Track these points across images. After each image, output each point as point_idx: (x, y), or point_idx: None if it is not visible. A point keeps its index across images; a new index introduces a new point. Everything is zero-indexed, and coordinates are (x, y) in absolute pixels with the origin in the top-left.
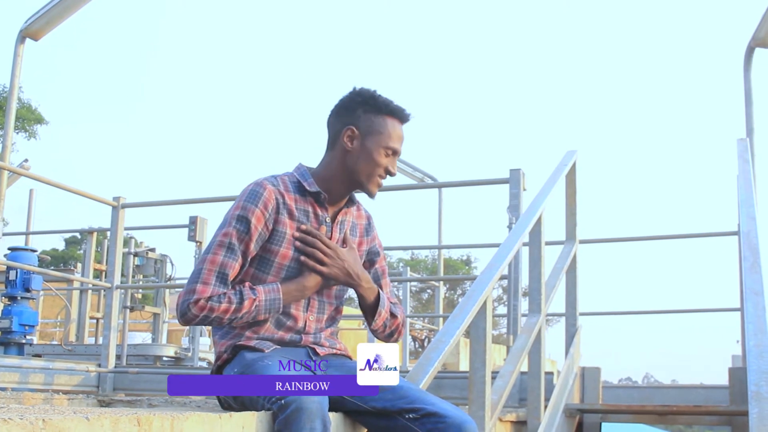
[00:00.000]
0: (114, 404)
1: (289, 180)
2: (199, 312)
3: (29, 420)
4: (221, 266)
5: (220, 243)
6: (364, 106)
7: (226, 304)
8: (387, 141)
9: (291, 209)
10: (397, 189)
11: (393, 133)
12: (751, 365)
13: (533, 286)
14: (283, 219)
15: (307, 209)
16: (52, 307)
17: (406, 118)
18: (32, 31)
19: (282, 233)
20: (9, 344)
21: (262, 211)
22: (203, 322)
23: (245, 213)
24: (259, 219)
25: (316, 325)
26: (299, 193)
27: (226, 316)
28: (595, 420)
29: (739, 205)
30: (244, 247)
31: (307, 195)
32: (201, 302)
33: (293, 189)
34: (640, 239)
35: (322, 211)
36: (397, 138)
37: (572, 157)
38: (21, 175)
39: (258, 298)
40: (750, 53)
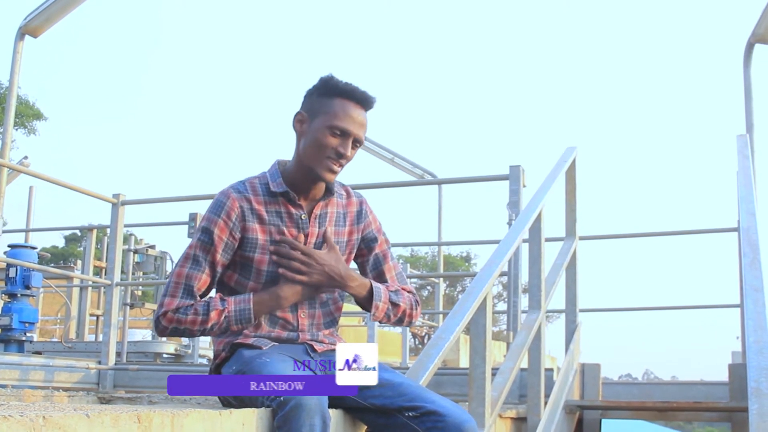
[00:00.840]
0: (114, 401)
1: (259, 182)
2: (168, 324)
3: (29, 417)
4: (186, 278)
5: (186, 255)
6: (318, 91)
7: (192, 316)
8: (332, 120)
9: (260, 214)
10: (397, 185)
11: (341, 113)
12: (751, 361)
13: (533, 282)
14: (253, 226)
15: (279, 210)
16: (52, 305)
17: (363, 100)
18: (31, 28)
19: (253, 240)
20: (9, 341)
21: (225, 221)
22: (175, 333)
23: (209, 224)
24: (222, 229)
25: (310, 322)
26: (269, 195)
27: (195, 327)
28: (595, 416)
29: (739, 201)
30: (211, 257)
31: (278, 195)
32: (168, 314)
33: (262, 192)
34: (640, 236)
35: (296, 209)
36: (347, 118)
37: (572, 153)
38: (21, 172)
39: (227, 309)
40: (750, 49)
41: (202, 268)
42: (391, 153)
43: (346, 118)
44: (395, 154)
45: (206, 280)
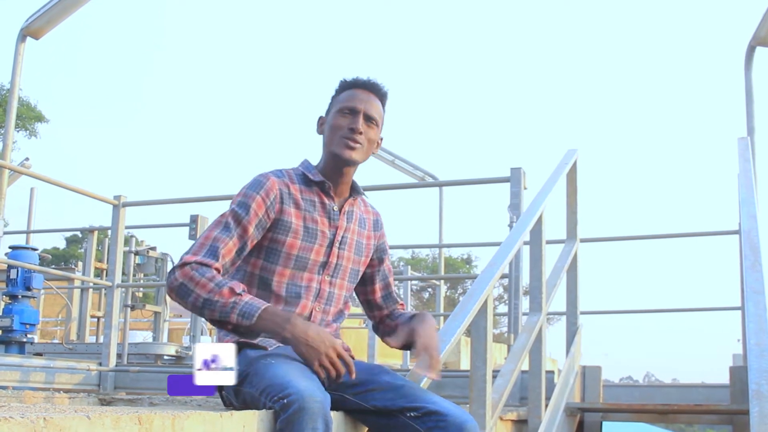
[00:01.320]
0: (115, 403)
1: (294, 172)
2: (182, 277)
3: (30, 419)
4: (213, 240)
5: (217, 222)
6: (332, 95)
7: (207, 279)
8: (340, 104)
9: (297, 200)
10: (398, 188)
11: (347, 98)
12: (752, 364)
13: (534, 284)
14: (289, 209)
15: (313, 199)
16: (53, 306)
17: (366, 84)
18: (33, 30)
19: (288, 223)
20: (10, 343)
21: (263, 198)
22: (182, 293)
23: (245, 199)
24: (259, 205)
25: (322, 317)
26: (304, 184)
27: (203, 293)
28: (596, 419)
29: (740, 203)
30: (242, 230)
31: (312, 185)
32: (186, 268)
33: (298, 180)
34: (641, 238)
35: (329, 201)
36: (352, 99)
37: (573, 155)
38: (22, 174)
39: (241, 297)
40: (751, 52)
41: (231, 234)
42: (392, 155)
43: (352, 99)
44: (396, 156)
45: (232, 248)
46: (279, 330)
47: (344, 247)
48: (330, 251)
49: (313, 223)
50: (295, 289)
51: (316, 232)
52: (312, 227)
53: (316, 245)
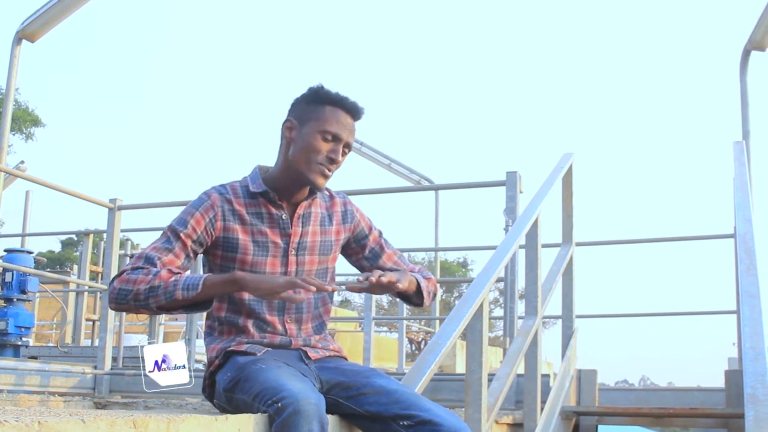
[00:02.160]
0: (110, 406)
1: (239, 185)
2: (119, 284)
3: (25, 422)
4: (151, 250)
5: (157, 240)
6: (307, 99)
7: (142, 275)
8: (324, 125)
9: (241, 215)
10: (394, 191)
11: (331, 118)
12: (747, 368)
13: (530, 288)
14: (234, 226)
15: (260, 211)
16: (48, 309)
17: (352, 108)
18: (29, 33)
19: (234, 240)
20: (5, 346)
21: (202, 214)
22: (122, 296)
23: (184, 215)
24: (198, 221)
25: (297, 327)
26: (249, 197)
27: (143, 286)
28: (592, 422)
29: (735, 207)
30: (181, 243)
31: (258, 197)
32: (122, 275)
33: (243, 194)
34: (637, 242)
35: (276, 210)
36: (338, 123)
37: (569, 159)
38: (17, 177)
39: (180, 274)
40: (746, 56)
41: (171, 247)
42: (388, 159)
43: (338, 124)
44: (392, 159)
45: (174, 260)
46: (228, 283)
47: (303, 252)
48: (287, 261)
49: (261, 236)
50: (257, 305)
51: (266, 245)
52: (261, 240)
53: (269, 257)
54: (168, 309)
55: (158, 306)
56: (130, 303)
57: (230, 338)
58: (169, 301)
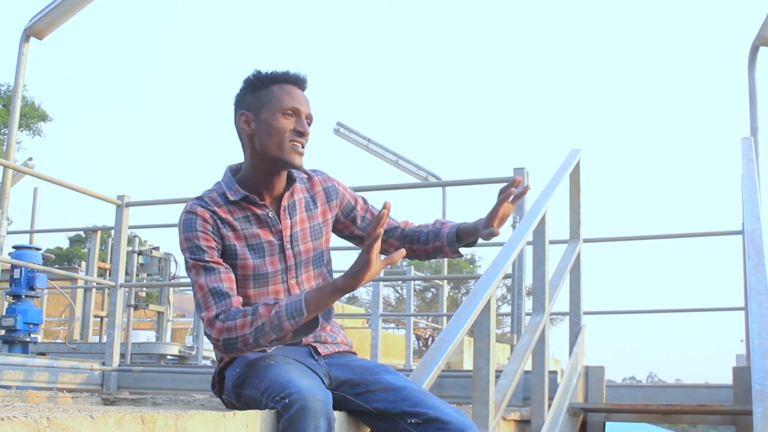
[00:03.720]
0: (118, 402)
1: (217, 193)
2: (219, 335)
3: (33, 418)
4: (209, 285)
5: (196, 275)
6: (251, 88)
7: (241, 319)
8: (279, 104)
9: (230, 222)
10: (401, 188)
11: (283, 95)
12: (755, 364)
13: (537, 285)
14: (227, 233)
15: (246, 215)
16: (56, 306)
17: (296, 79)
18: (36, 30)
19: (232, 247)
20: (13, 342)
21: (202, 231)
22: (229, 346)
23: (189, 244)
24: (205, 238)
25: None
26: (230, 204)
27: (247, 331)
28: (599, 419)
29: (744, 204)
30: (215, 264)
31: (238, 202)
32: (216, 325)
33: (223, 202)
34: (644, 238)
35: (261, 210)
36: (291, 97)
37: (576, 155)
38: (25, 174)
39: (278, 303)
40: (755, 52)
41: (217, 271)
42: (396, 155)
43: (292, 98)
44: (399, 156)
45: (231, 279)
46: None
47: (297, 242)
48: (284, 256)
49: (255, 239)
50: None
51: (262, 246)
52: (255, 243)
53: (267, 257)
54: (277, 341)
55: (270, 342)
56: (242, 349)
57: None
58: (280, 334)
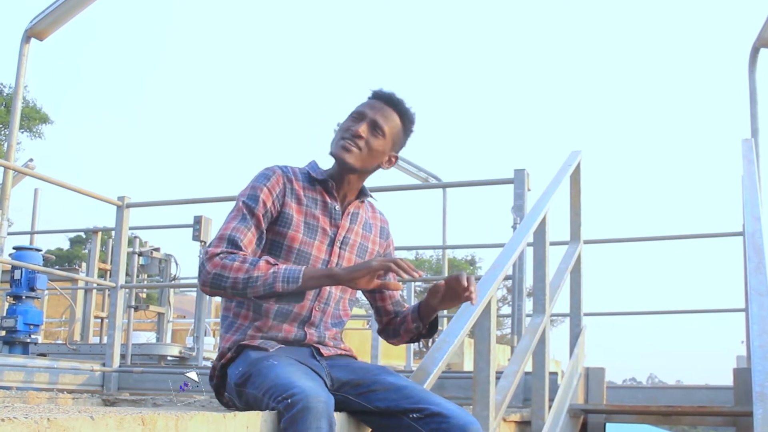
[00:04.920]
0: (118, 403)
1: (300, 171)
2: (213, 268)
3: (34, 419)
4: (233, 230)
5: (233, 216)
6: None
7: (239, 263)
8: (353, 110)
9: (299, 195)
10: (402, 189)
11: (361, 103)
12: (756, 366)
13: (537, 286)
14: (290, 203)
15: (315, 197)
16: (56, 307)
17: (383, 95)
18: (37, 31)
19: (289, 216)
20: (14, 343)
21: (270, 189)
22: (217, 282)
23: (254, 191)
24: (267, 196)
25: (321, 317)
26: (308, 182)
27: (240, 275)
28: (600, 420)
29: (744, 205)
30: (256, 220)
31: (316, 184)
32: (215, 259)
33: (302, 178)
34: (645, 239)
35: (331, 200)
36: (364, 105)
37: (577, 157)
38: (26, 175)
39: (278, 266)
40: (755, 53)
41: (248, 225)
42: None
43: (364, 105)
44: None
45: (252, 239)
46: (325, 277)
47: (345, 247)
48: (331, 250)
49: (313, 219)
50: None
51: (316, 228)
52: (312, 223)
53: (317, 241)
54: (264, 298)
55: (255, 295)
56: (227, 290)
57: (247, 324)
58: (268, 292)
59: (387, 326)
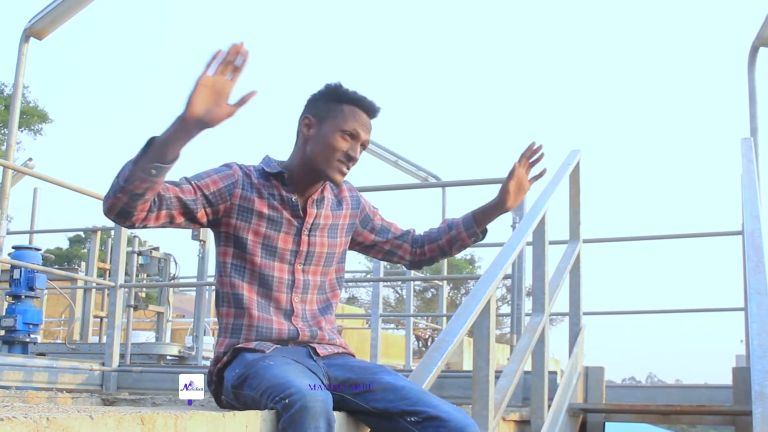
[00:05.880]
0: (118, 403)
1: (254, 168)
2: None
3: (33, 418)
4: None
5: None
6: (325, 97)
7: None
8: (343, 124)
9: (259, 189)
10: (401, 188)
11: (350, 117)
12: (755, 365)
13: (537, 285)
14: (251, 196)
15: (272, 192)
16: (56, 306)
17: (369, 108)
18: (36, 30)
19: (250, 209)
20: (13, 343)
21: (221, 178)
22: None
23: (202, 174)
24: (215, 182)
25: (303, 307)
26: (263, 178)
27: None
28: (599, 420)
29: (743, 204)
30: (190, 186)
31: (271, 179)
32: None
33: (258, 175)
34: (644, 239)
35: (287, 192)
36: (356, 122)
37: (576, 156)
38: (25, 174)
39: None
40: (754, 52)
41: (177, 182)
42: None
43: (356, 123)
44: (399, 156)
45: (175, 189)
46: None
47: (315, 233)
48: (299, 239)
49: (275, 212)
50: (267, 279)
51: (280, 220)
52: (275, 215)
53: (282, 233)
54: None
55: (125, 180)
56: (111, 198)
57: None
58: (131, 170)
59: (421, 257)
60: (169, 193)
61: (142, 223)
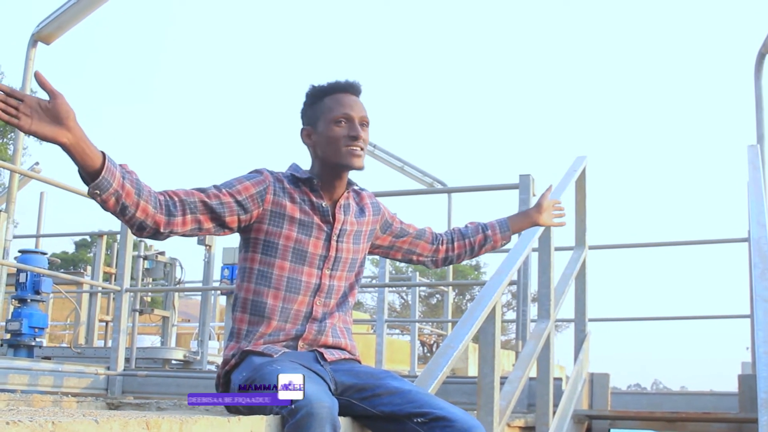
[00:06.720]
0: (123, 407)
1: (283, 175)
2: None
3: (39, 422)
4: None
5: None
6: (308, 103)
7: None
8: (330, 114)
9: (291, 194)
10: (407, 194)
11: (334, 105)
12: (761, 372)
13: (542, 291)
14: (283, 201)
15: (303, 198)
16: (61, 310)
17: (347, 87)
18: (44, 35)
19: (282, 215)
20: (19, 346)
21: (253, 184)
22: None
23: (232, 181)
24: (246, 188)
25: (323, 310)
26: (293, 184)
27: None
28: (604, 426)
29: (749, 211)
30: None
31: (301, 185)
32: None
33: (288, 181)
34: (650, 245)
35: (317, 198)
36: (341, 105)
37: (582, 162)
38: (32, 178)
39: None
40: (761, 59)
41: (204, 188)
42: (401, 161)
43: (342, 106)
44: (405, 162)
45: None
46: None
47: (343, 239)
48: (329, 245)
49: (307, 216)
50: (294, 284)
51: (311, 225)
52: (306, 220)
53: (313, 238)
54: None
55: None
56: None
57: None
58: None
59: (446, 253)
60: (193, 198)
61: (166, 228)
